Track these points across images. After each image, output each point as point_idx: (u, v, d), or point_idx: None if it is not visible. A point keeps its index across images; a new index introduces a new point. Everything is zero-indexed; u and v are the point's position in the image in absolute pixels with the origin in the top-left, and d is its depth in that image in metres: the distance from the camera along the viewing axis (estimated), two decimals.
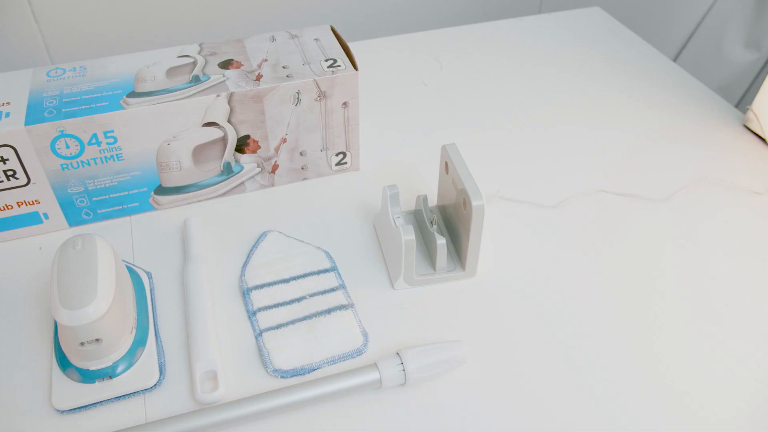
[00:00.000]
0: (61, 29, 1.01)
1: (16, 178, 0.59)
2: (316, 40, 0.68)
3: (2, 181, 0.59)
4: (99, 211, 0.65)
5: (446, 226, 0.63)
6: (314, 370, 0.52)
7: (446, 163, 0.60)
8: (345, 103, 0.65)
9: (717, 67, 1.02)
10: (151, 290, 0.59)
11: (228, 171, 0.66)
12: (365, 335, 0.55)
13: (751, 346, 0.55)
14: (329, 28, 0.70)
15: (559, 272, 0.61)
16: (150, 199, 0.66)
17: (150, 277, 0.60)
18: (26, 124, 0.57)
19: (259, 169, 0.67)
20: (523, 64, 0.90)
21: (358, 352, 0.54)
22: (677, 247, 0.64)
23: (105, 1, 1.00)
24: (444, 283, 0.59)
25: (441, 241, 0.57)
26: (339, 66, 0.64)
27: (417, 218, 0.64)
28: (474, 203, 0.54)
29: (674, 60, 1.07)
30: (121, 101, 0.60)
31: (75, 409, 0.50)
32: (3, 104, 0.59)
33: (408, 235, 0.55)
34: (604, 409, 0.50)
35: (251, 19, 1.05)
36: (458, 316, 0.57)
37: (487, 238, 0.62)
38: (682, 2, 1.05)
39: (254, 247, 0.62)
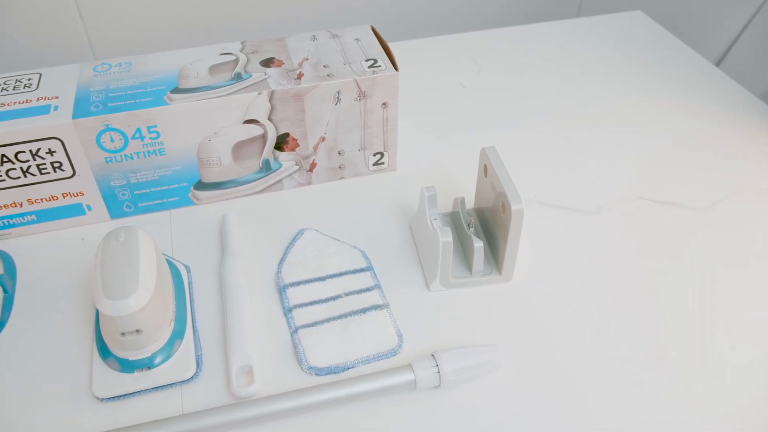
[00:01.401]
0: (105, 26, 1.03)
1: (62, 170, 0.61)
2: (357, 40, 0.68)
3: (49, 173, 0.61)
4: (140, 205, 0.66)
5: (483, 229, 0.62)
6: (349, 368, 0.53)
7: (485, 165, 0.60)
8: (384, 104, 0.65)
9: (762, 73, 1.00)
10: (190, 284, 0.59)
11: (266, 168, 0.67)
12: (400, 336, 0.55)
13: None
14: (370, 29, 0.70)
15: (596, 279, 0.60)
16: (189, 194, 0.67)
17: (188, 271, 0.61)
18: (73, 117, 0.58)
19: (297, 167, 0.68)
20: (562, 67, 0.89)
21: (393, 353, 0.54)
22: (719, 256, 0.62)
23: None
24: (480, 286, 0.59)
25: (478, 244, 0.57)
26: (379, 66, 0.64)
27: (454, 220, 0.63)
28: (513, 207, 0.53)
29: (717, 65, 1.05)
30: (164, 97, 0.60)
31: (114, 397, 0.51)
32: (52, 98, 0.60)
33: (445, 237, 0.55)
34: (641, 418, 0.50)
35: (292, 18, 1.06)
36: (494, 319, 0.57)
37: (524, 242, 0.62)
38: (728, 5, 1.03)
39: (291, 244, 0.62)
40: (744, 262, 0.62)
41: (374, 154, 0.69)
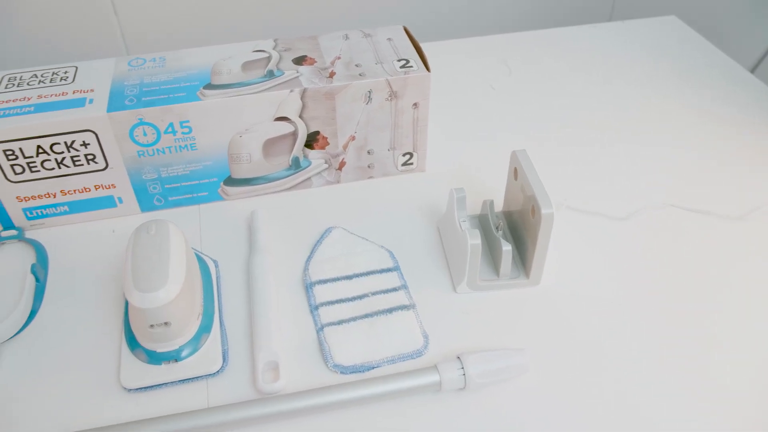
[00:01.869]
0: (139, 21, 1.04)
1: (96, 163, 0.62)
2: (389, 39, 0.68)
3: (82, 165, 0.61)
4: (170, 198, 0.66)
5: (511, 233, 0.62)
6: (374, 368, 0.53)
7: (515, 168, 0.59)
8: (415, 104, 0.65)
9: None
10: (217, 278, 0.60)
11: (296, 165, 0.67)
12: (426, 337, 0.55)
13: None
14: (402, 29, 0.70)
15: (625, 286, 0.60)
16: (219, 189, 0.67)
17: (216, 266, 0.61)
18: (108, 110, 0.59)
19: (327, 166, 0.68)
20: (593, 72, 0.88)
21: (418, 354, 0.54)
22: (749, 267, 0.61)
23: None
24: (507, 289, 0.59)
25: (507, 248, 0.57)
26: (411, 67, 0.64)
27: (482, 223, 0.63)
28: (543, 211, 0.53)
29: (752, 71, 1.04)
30: (198, 92, 0.61)
31: (141, 388, 0.52)
32: (87, 91, 0.61)
33: (474, 240, 0.54)
34: (666, 427, 0.49)
35: (324, 17, 1.07)
36: (520, 323, 0.56)
37: (552, 247, 0.61)
38: (765, 10, 1.01)
39: (318, 242, 0.63)
40: None
41: (403, 155, 0.69)
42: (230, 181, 0.67)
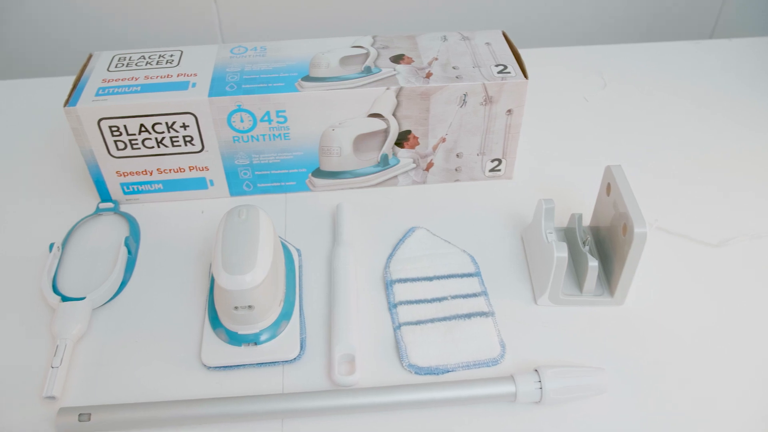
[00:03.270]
0: (238, 10, 1.07)
1: (192, 145, 0.64)
2: (488, 44, 0.68)
3: (180, 146, 0.64)
4: (259, 185, 0.68)
5: (597, 249, 0.61)
6: (449, 371, 0.52)
7: (608, 184, 0.58)
8: (509, 110, 0.64)
9: None
10: (300, 267, 0.61)
11: (384, 163, 0.67)
12: (503, 346, 0.54)
13: None
14: (501, 33, 0.69)
15: (712, 314, 0.57)
16: (307, 180, 0.68)
17: (299, 255, 0.62)
18: (209, 95, 0.61)
19: (414, 165, 0.68)
20: (691, 91, 0.85)
21: (494, 362, 0.53)
22: None
23: None
24: (589, 306, 0.58)
25: (593, 263, 0.55)
26: (509, 72, 0.63)
27: (568, 236, 0.62)
28: (636, 230, 0.51)
29: None
30: (296, 83, 0.62)
31: (220, 367, 0.53)
32: (191, 75, 0.63)
33: (561, 252, 0.53)
34: None
35: (423, 16, 1.07)
36: (601, 342, 0.55)
37: (639, 267, 0.59)
38: None
39: (401, 240, 0.63)
40: None
41: (492, 160, 0.68)
42: (318, 173, 0.68)
